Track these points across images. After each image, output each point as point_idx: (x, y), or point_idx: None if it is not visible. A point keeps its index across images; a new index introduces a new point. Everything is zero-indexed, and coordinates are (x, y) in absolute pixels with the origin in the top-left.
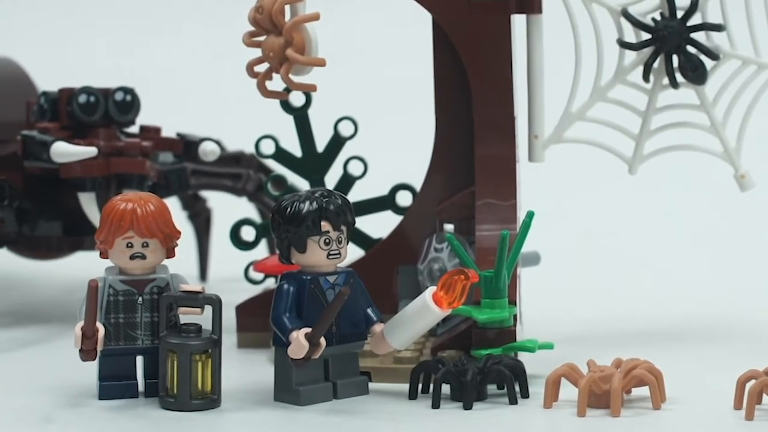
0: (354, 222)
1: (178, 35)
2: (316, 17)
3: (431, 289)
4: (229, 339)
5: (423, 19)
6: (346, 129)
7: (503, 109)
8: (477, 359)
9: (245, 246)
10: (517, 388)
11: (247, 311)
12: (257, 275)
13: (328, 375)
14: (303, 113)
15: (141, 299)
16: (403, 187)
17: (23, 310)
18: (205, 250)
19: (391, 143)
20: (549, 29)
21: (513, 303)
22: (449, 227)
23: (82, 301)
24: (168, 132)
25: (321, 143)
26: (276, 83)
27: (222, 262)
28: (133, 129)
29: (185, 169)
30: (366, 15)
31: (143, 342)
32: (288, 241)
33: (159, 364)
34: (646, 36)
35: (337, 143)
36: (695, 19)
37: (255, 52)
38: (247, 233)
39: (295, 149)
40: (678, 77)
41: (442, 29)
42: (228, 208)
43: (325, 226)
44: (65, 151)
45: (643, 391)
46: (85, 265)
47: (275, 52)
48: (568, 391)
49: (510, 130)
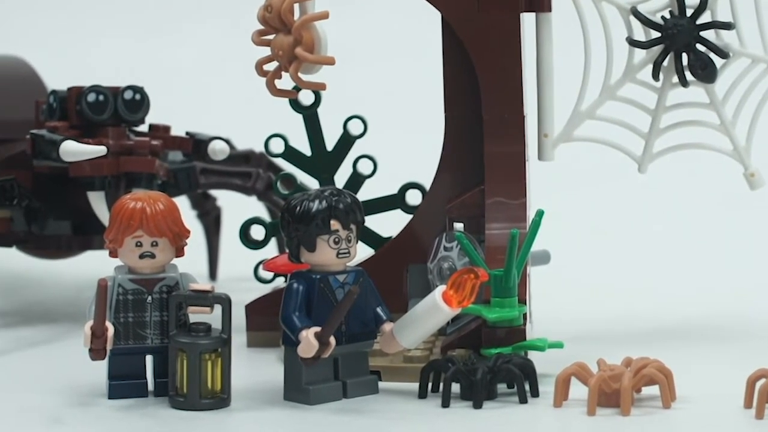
0: (363, 221)
1: (187, 34)
2: (325, 15)
3: (441, 288)
4: (239, 338)
5: (432, 18)
6: (355, 128)
7: (513, 108)
8: (487, 358)
9: (255, 245)
10: (527, 387)
11: (257, 310)
12: (267, 274)
13: (337, 374)
14: (312, 112)
15: (150, 298)
16: (413, 186)
17: (32, 309)
18: (215, 249)
19: (401, 142)
20: (558, 27)
21: (523, 302)
22: (459, 226)
23: (91, 301)
24: (177, 131)
25: (330, 142)
26: (285, 82)
27: (231, 261)
28: (143, 128)
29: (195, 168)
30: (375, 13)
31: (153, 341)
32: (297, 240)
33: (168, 363)
34: (655, 34)
35: (347, 142)
36: (705, 18)
37: (264, 50)
38: (257, 232)
39: (305, 148)
40: (687, 75)
41: (451, 28)
42: (237, 207)
43: (335, 224)
44: (74, 150)
45: (653, 390)
46: (95, 265)
47: (284, 50)
48: (578, 390)
49: (519, 128)
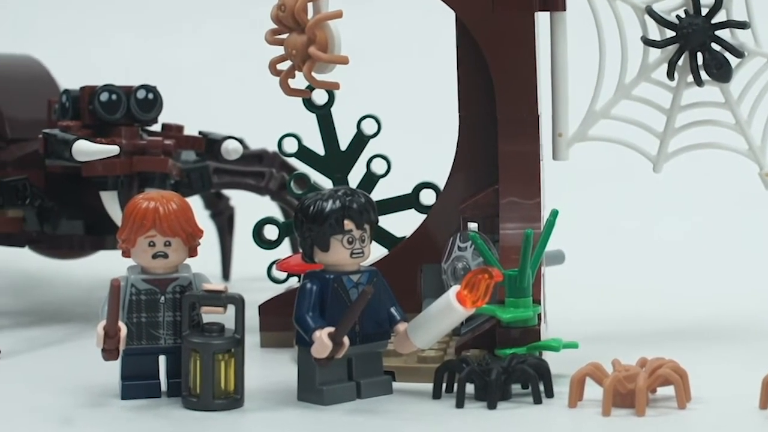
0: (377, 221)
1: (201, 32)
2: (339, 15)
3: (455, 288)
4: (252, 338)
5: (446, 17)
6: (369, 127)
7: (527, 107)
8: (501, 358)
9: (268, 245)
10: (542, 387)
11: (270, 310)
12: (280, 274)
13: (351, 374)
14: (326, 111)
15: (163, 298)
16: (427, 186)
17: (45, 309)
18: (228, 249)
19: (415, 142)
20: (573, 26)
21: (537, 302)
22: (473, 226)
23: (104, 301)
24: (190, 130)
25: (344, 141)
26: (299, 81)
27: (245, 261)
28: (156, 127)
29: (208, 168)
30: (389, 12)
31: (166, 341)
32: (311, 240)
33: (181, 363)
34: (670, 33)
35: (361, 141)
36: (720, 17)
37: (277, 49)
38: (270, 232)
39: (318, 147)
40: (702, 75)
41: (465, 27)
42: (251, 206)
43: (348, 224)
44: (87, 150)
45: (668, 391)
46: (107, 265)
47: (298, 50)
48: (592, 391)
49: (534, 128)
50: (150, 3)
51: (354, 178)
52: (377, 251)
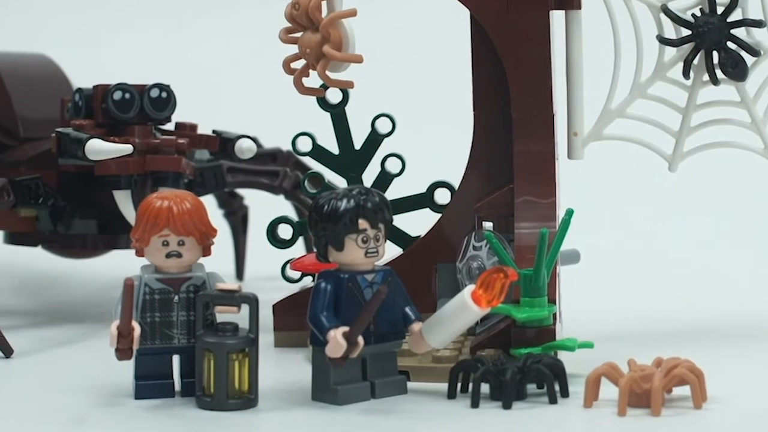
0: (392, 220)
1: (214, 31)
2: (353, 13)
3: (470, 288)
4: (266, 338)
5: (461, 15)
6: (383, 126)
7: (542, 106)
8: (516, 358)
9: (282, 244)
10: (557, 387)
11: (284, 310)
12: (294, 274)
13: (366, 374)
14: (340, 110)
15: (177, 298)
16: (442, 185)
17: (59, 309)
18: (242, 248)
19: (429, 140)
20: (588, 25)
21: (552, 301)
22: (488, 225)
23: (117, 300)
24: (204, 129)
25: (358, 140)
26: (313, 80)
27: (259, 260)
28: (169, 126)
29: (221, 167)
30: (403, 11)
31: (179, 341)
32: (325, 239)
33: (195, 363)
34: (686, 32)
35: (375, 140)
36: (736, 15)
37: (291, 48)
38: (284, 231)
39: (333, 146)
40: (718, 74)
41: (480, 25)
42: (265, 205)
43: (363, 224)
44: (100, 149)
45: (684, 391)
46: (121, 264)
47: (312, 48)
48: (608, 391)
49: (549, 127)
50: (164, 1)
51: (368, 177)
52: (392, 250)
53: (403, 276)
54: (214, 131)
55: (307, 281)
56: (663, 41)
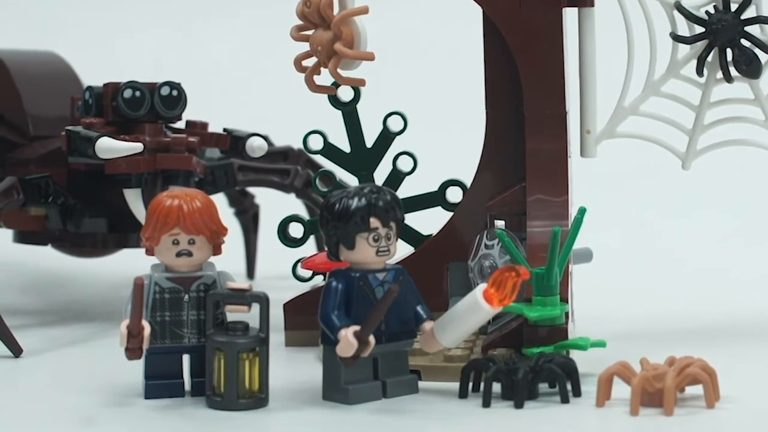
0: (403, 218)
1: (225, 28)
2: (365, 11)
3: (482, 287)
4: (277, 337)
5: (473, 13)
6: (395, 124)
7: (555, 104)
8: (528, 357)
9: (293, 243)
10: (569, 386)
11: (295, 309)
12: (305, 272)
13: (377, 373)
14: (352, 108)
15: (187, 297)
16: (454, 183)
17: (68, 308)
18: (253, 247)
19: (441, 139)
20: (601, 22)
21: (565, 300)
22: (500, 223)
23: (127, 299)
24: (215, 127)
25: (370, 139)
26: (324, 78)
27: (269, 259)
28: (180, 124)
29: (232, 165)
30: (415, 8)
31: (190, 340)
32: (336, 238)
33: (205, 362)
34: (699, 29)
35: (387, 139)
36: (749, 12)
37: (303, 46)
38: (295, 230)
39: (344, 145)
40: (732, 71)
41: (492, 23)
42: (276, 204)
43: (374, 222)
44: (110, 147)
45: (697, 390)
46: (131, 263)
47: (323, 46)
48: (620, 390)
49: (562, 125)
50: None
51: (380, 175)
52: (403, 249)
53: (415, 275)
54: (224, 129)
55: (318, 280)
56: (676, 38)
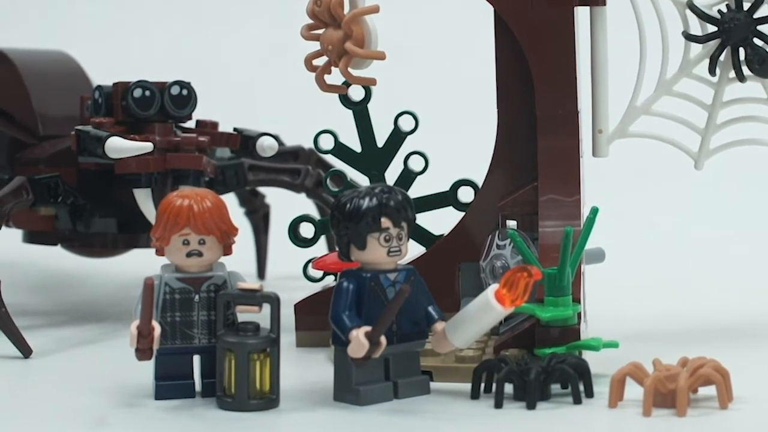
0: (414, 218)
1: (235, 28)
2: (375, 10)
3: (494, 287)
4: (288, 338)
5: (485, 12)
6: (406, 124)
7: (567, 104)
8: (540, 358)
9: (304, 243)
10: (582, 387)
11: (306, 309)
12: (316, 273)
13: (388, 374)
14: (362, 107)
15: (198, 297)
16: (465, 183)
17: (78, 308)
18: (263, 247)
19: (453, 138)
20: (613, 21)
21: (577, 301)
22: (512, 224)
23: (137, 300)
24: (225, 127)
25: (381, 138)
26: (335, 77)
27: (280, 259)
28: (190, 124)
29: (243, 165)
30: (427, 7)
31: (200, 341)
32: (347, 238)
33: (216, 363)
34: (712, 28)
35: (398, 138)
36: (762, 11)
37: (314, 45)
38: (306, 230)
39: (355, 144)
40: (745, 70)
41: (504, 22)
42: (286, 204)
43: (385, 222)
44: (120, 147)
45: (710, 391)
46: (141, 263)
47: (334, 45)
48: (633, 391)
49: (573, 124)
50: None
51: (391, 175)
52: (415, 249)
53: (426, 275)
54: (235, 129)
55: (329, 280)
56: (689, 38)
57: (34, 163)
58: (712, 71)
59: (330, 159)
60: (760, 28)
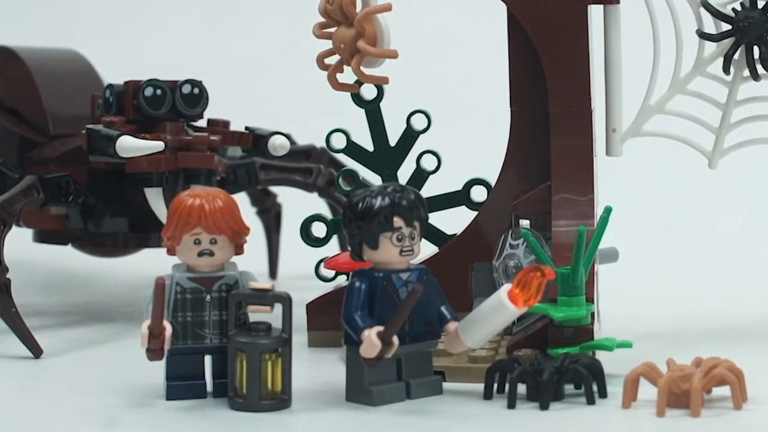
0: (427, 218)
1: (247, 26)
2: (388, 8)
3: (507, 287)
4: (300, 338)
5: (497, 9)
6: (419, 122)
7: (580, 102)
8: (553, 358)
9: (316, 242)
10: (595, 387)
11: (318, 309)
12: (328, 272)
13: (401, 374)
14: (375, 106)
15: (209, 297)
16: (478, 182)
17: (88, 308)
18: (275, 246)
19: (466, 137)
20: (626, 19)
21: (590, 300)
22: (525, 223)
23: (148, 300)
24: (237, 126)
25: (393, 137)
26: (347, 76)
27: (292, 259)
28: (201, 123)
29: (254, 164)
30: (439, 5)
31: (211, 341)
32: (360, 238)
33: (228, 363)
34: (726, 27)
35: (410, 137)
36: None
37: (326, 43)
38: (318, 229)
39: (367, 143)
40: (759, 69)
41: (517, 20)
42: (298, 203)
43: (398, 222)
44: (131, 146)
45: (724, 391)
46: (152, 263)
47: (346, 43)
48: (647, 391)
49: (587, 123)
50: None
51: (403, 174)
52: (427, 249)
53: (439, 275)
54: (246, 128)
55: (341, 280)
56: (703, 36)
57: (44, 163)
58: (726, 70)
59: (342, 158)
60: None
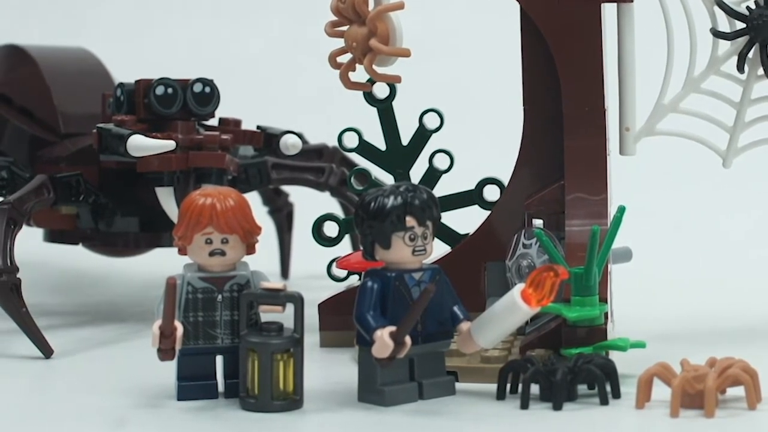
0: (440, 217)
1: (259, 24)
2: (400, 6)
3: (520, 286)
4: (312, 338)
5: (510, 8)
6: (431, 121)
7: (593, 101)
8: (567, 358)
9: (328, 242)
10: (608, 388)
11: (330, 309)
12: (340, 272)
13: (413, 375)
14: (387, 105)
15: (221, 297)
16: (491, 182)
17: (99, 308)
18: (287, 246)
19: (478, 136)
20: (640, 18)
21: (604, 300)
22: (538, 222)
23: (159, 299)
24: (248, 125)
25: (406, 136)
26: (359, 74)
27: (304, 258)
28: (213, 122)
29: (266, 163)
30: (452, 4)
31: (223, 341)
32: (372, 237)
33: (239, 363)
34: (740, 25)
35: (423, 136)
36: None
37: (337, 42)
38: (330, 229)
39: (379, 142)
40: None
41: (530, 19)
42: (310, 203)
43: (410, 221)
44: (142, 145)
45: (738, 391)
46: (163, 263)
47: (358, 42)
48: (660, 391)
49: (600, 122)
50: None
51: (416, 173)
52: (440, 248)
53: (452, 274)
54: (258, 127)
55: (354, 280)
56: (717, 35)
57: (55, 162)
58: (740, 68)
59: (354, 157)
60: None
